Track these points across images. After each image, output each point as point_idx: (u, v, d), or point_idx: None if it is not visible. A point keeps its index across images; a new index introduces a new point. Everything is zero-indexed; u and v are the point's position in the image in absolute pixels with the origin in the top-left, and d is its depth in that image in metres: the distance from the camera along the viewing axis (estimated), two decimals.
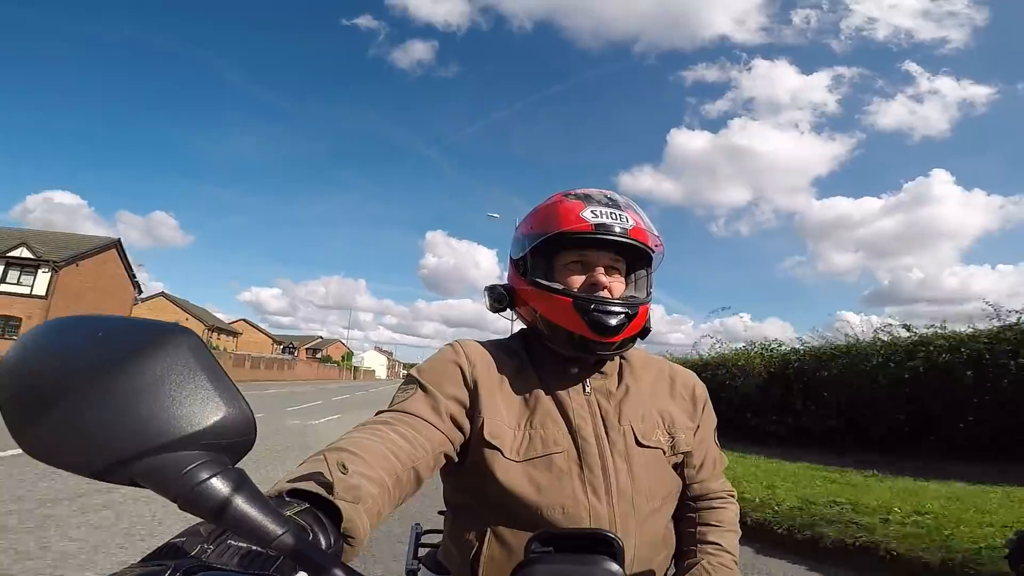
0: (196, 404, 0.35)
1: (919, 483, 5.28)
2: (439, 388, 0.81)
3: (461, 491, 0.86)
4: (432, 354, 0.92)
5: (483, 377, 0.85)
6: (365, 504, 0.54)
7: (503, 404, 0.84)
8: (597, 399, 0.87)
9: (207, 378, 0.36)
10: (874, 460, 6.50)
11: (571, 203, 0.88)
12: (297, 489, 0.52)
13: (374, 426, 0.73)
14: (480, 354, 0.88)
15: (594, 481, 0.80)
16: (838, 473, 5.92)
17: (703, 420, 0.95)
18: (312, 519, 0.47)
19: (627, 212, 0.88)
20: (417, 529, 1.31)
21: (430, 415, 0.77)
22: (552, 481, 0.79)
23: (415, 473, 0.69)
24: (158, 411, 0.34)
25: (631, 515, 0.80)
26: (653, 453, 0.85)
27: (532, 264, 0.90)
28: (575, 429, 0.83)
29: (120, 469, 0.33)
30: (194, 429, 0.34)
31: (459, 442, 0.80)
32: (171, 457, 0.33)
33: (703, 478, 0.92)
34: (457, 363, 0.85)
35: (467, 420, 0.81)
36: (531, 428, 0.83)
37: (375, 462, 0.63)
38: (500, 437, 0.80)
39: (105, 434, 0.32)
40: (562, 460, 0.80)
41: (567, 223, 0.86)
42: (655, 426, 0.87)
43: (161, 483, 0.33)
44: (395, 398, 0.82)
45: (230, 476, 0.35)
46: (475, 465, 0.80)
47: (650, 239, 0.89)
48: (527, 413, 0.84)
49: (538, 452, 0.81)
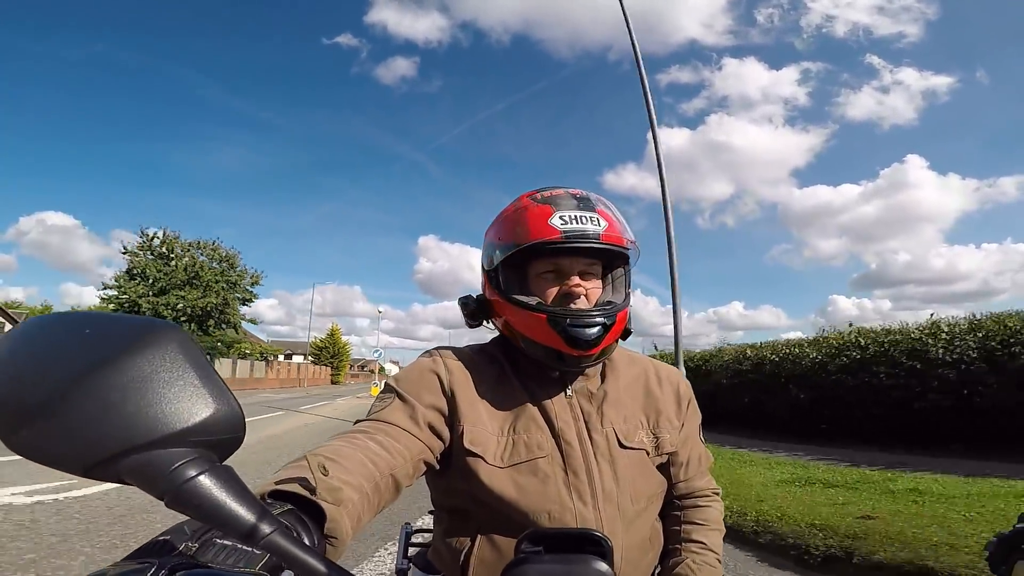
0: (184, 401, 0.34)
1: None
2: (417, 397, 0.81)
3: (449, 495, 0.85)
4: (409, 364, 0.91)
5: (462, 385, 0.84)
6: (346, 508, 0.55)
7: (485, 411, 0.83)
8: (579, 401, 0.86)
9: (196, 374, 0.35)
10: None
11: (538, 208, 0.84)
12: (280, 491, 0.52)
13: (352, 435, 0.73)
14: (458, 362, 0.87)
15: (579, 485, 0.80)
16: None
17: (688, 418, 0.94)
18: (295, 520, 0.47)
19: (598, 212, 0.84)
20: (407, 528, 1.31)
21: (407, 424, 0.77)
22: (537, 486, 0.79)
23: (393, 480, 0.70)
24: (146, 408, 0.33)
25: (617, 518, 0.80)
26: (637, 454, 0.85)
27: (504, 277, 0.87)
28: (558, 433, 0.82)
29: (108, 466, 0.33)
30: (182, 426, 0.34)
31: (439, 449, 0.80)
32: (159, 454, 0.33)
33: (688, 476, 0.92)
34: (435, 371, 0.85)
35: (446, 428, 0.81)
36: (514, 433, 0.82)
37: (354, 468, 0.63)
38: (482, 444, 0.80)
39: (93, 431, 0.32)
40: (546, 464, 0.80)
41: (535, 233, 0.82)
42: (638, 427, 0.87)
43: (149, 480, 0.33)
44: (373, 407, 0.81)
45: (218, 473, 0.35)
46: (459, 472, 0.80)
47: (624, 239, 0.86)
48: (510, 419, 0.84)
49: (522, 457, 0.80)
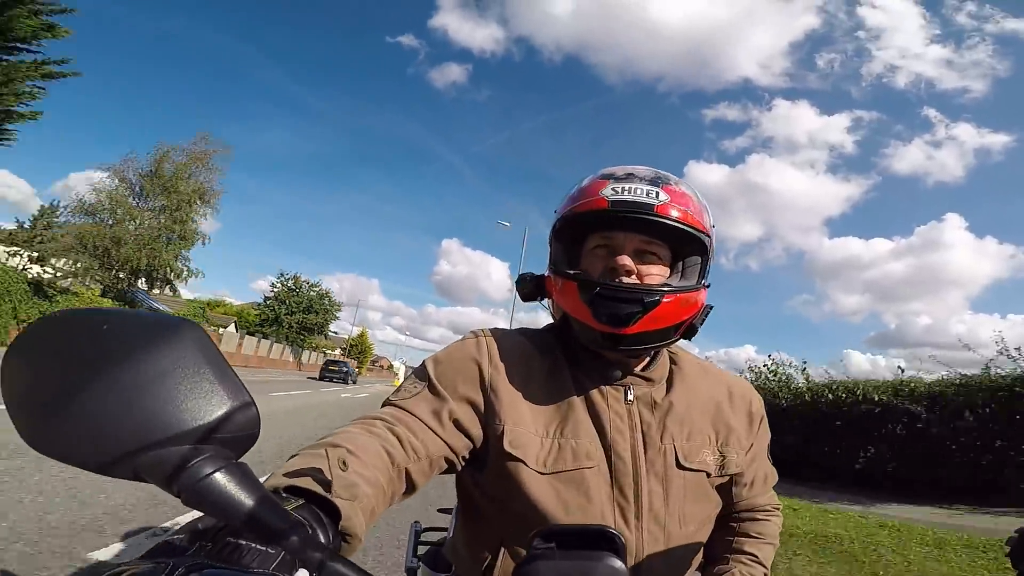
0: (201, 398, 0.35)
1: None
2: (450, 388, 0.74)
3: (479, 496, 0.79)
4: (452, 343, 0.82)
5: (506, 376, 0.76)
6: (361, 503, 0.53)
7: (529, 408, 0.75)
8: (639, 409, 0.78)
9: (212, 372, 0.36)
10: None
11: (597, 181, 0.78)
12: (295, 486, 0.51)
13: (373, 422, 0.68)
14: (506, 349, 0.79)
15: (624, 505, 0.73)
16: None
17: (758, 437, 0.87)
18: (311, 516, 0.46)
19: (663, 188, 0.75)
20: (417, 527, 1.31)
21: (431, 420, 0.71)
22: (581, 502, 0.72)
23: (408, 476, 0.66)
24: (163, 405, 0.33)
25: (661, 540, 0.74)
26: (695, 476, 0.77)
27: (556, 250, 0.82)
28: (610, 443, 0.74)
29: (125, 463, 0.33)
30: (199, 423, 0.34)
31: (465, 449, 0.73)
32: (175, 451, 0.33)
33: (752, 495, 0.86)
34: (477, 360, 0.77)
35: (478, 426, 0.74)
36: (561, 437, 0.74)
37: (370, 460, 0.61)
38: (523, 447, 0.73)
39: (110, 428, 0.32)
40: (593, 476, 0.73)
41: (584, 203, 0.76)
42: (703, 445, 0.79)
43: (165, 477, 0.33)
44: (403, 389, 0.76)
45: (233, 471, 0.35)
46: (496, 475, 0.74)
47: (690, 217, 0.75)
48: (557, 420, 0.75)
49: (568, 465, 0.73)
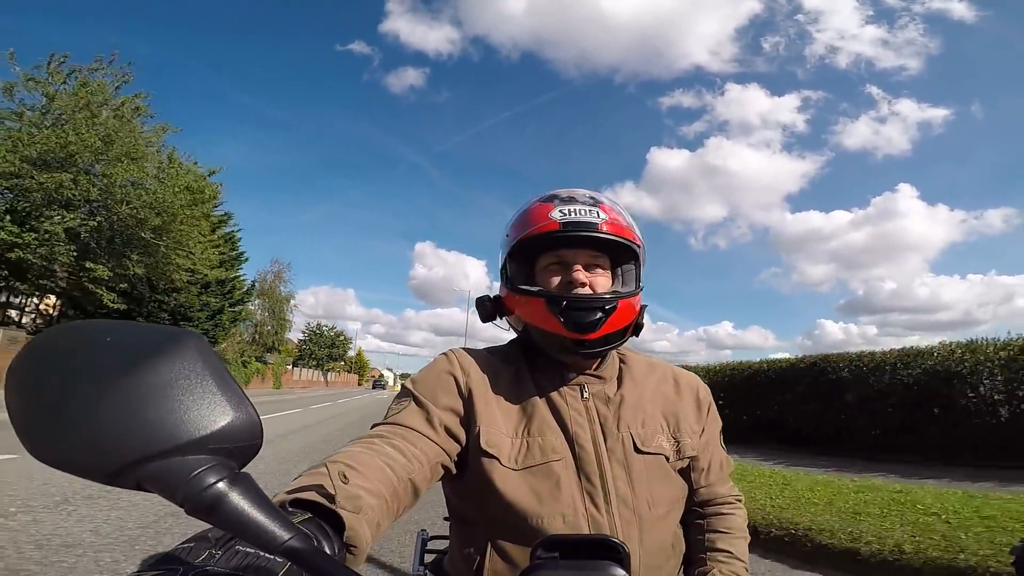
0: (204, 408, 0.34)
1: None
2: (433, 399, 0.81)
3: (462, 502, 0.85)
4: (426, 364, 0.91)
5: (478, 386, 0.84)
6: (366, 515, 0.55)
7: (500, 413, 0.83)
8: (595, 404, 0.86)
9: (214, 382, 0.35)
10: None
11: (542, 204, 0.88)
12: (299, 499, 0.52)
13: (370, 440, 0.72)
14: (475, 363, 0.87)
15: (592, 490, 0.79)
16: None
17: (708, 423, 0.94)
18: (316, 528, 0.47)
19: (600, 207, 0.86)
20: (423, 535, 1.30)
21: (424, 427, 0.77)
22: (551, 490, 0.78)
23: (412, 486, 0.70)
24: (166, 415, 0.33)
25: (633, 523, 0.79)
26: (654, 459, 0.84)
27: (513, 271, 0.90)
28: (572, 436, 0.82)
29: (128, 474, 0.33)
30: (202, 433, 0.34)
31: (455, 452, 0.79)
32: (178, 461, 0.33)
33: (710, 482, 0.91)
34: (451, 373, 0.85)
35: (462, 430, 0.81)
36: (529, 436, 0.82)
37: (373, 475, 0.63)
38: (497, 446, 0.80)
39: (113, 439, 0.32)
40: (561, 468, 0.80)
41: (536, 226, 0.85)
42: (657, 431, 0.86)
43: (168, 487, 0.33)
44: (390, 410, 0.82)
45: (237, 481, 0.35)
46: (474, 475, 0.80)
47: (627, 232, 0.87)
48: (524, 421, 0.83)
49: (536, 460, 0.80)
